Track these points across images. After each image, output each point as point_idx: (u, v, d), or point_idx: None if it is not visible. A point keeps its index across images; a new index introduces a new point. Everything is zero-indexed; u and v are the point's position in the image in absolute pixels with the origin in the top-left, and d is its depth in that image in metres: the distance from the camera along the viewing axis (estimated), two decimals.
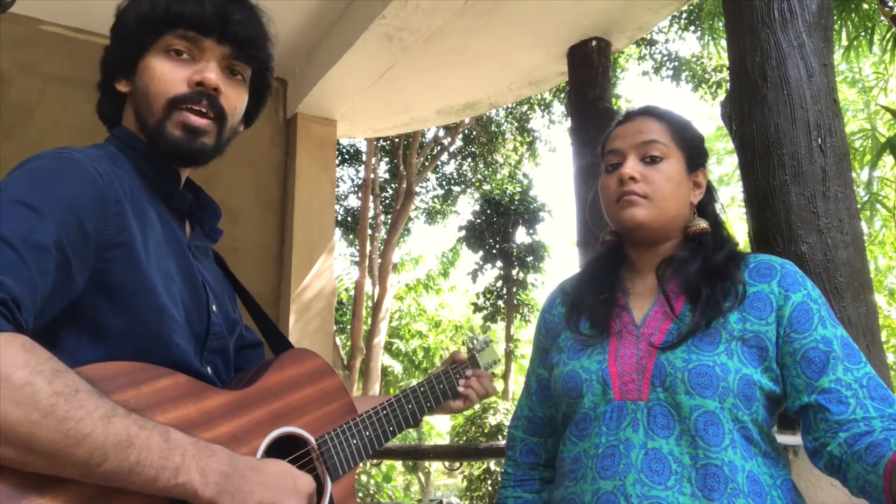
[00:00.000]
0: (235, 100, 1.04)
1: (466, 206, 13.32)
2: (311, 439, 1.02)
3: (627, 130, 1.16)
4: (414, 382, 1.44)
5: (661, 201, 1.10)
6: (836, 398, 0.95)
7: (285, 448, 0.98)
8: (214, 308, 1.00)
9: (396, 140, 10.63)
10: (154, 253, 0.90)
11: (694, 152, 1.16)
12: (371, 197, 11.03)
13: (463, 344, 1.45)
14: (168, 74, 0.97)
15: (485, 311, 12.89)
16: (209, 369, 0.97)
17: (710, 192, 1.19)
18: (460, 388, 1.38)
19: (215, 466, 0.77)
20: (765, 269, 1.08)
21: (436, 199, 12.74)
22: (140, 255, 0.87)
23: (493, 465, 8.13)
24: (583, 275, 1.25)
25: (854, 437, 0.91)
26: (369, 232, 10.93)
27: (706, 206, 1.18)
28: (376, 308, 10.86)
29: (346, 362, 11.18)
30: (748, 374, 0.99)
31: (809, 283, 1.07)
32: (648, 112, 1.18)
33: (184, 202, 1.03)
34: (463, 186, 12.62)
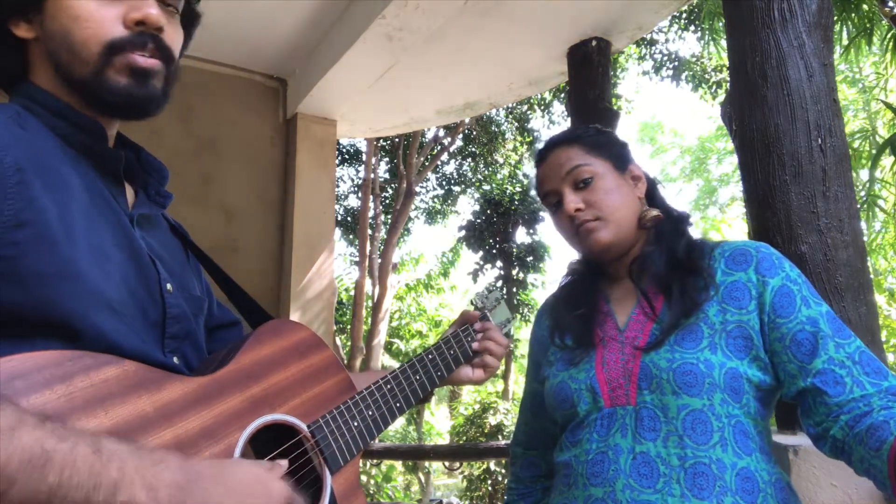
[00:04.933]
0: (176, 39, 0.88)
1: (466, 206, 13.31)
2: (302, 426, 0.87)
3: (549, 169, 1.18)
4: None
5: (612, 214, 1.11)
6: (831, 379, 0.95)
7: (273, 440, 0.85)
8: (169, 287, 0.85)
9: (396, 140, 10.63)
10: (82, 228, 0.74)
11: (615, 153, 1.18)
12: (371, 197, 11.03)
13: (471, 303, 1.33)
14: (96, 13, 0.79)
15: None
16: (175, 360, 0.83)
17: (649, 180, 1.20)
18: (475, 345, 1.20)
19: (166, 477, 0.62)
20: (740, 256, 1.08)
21: (436, 199, 12.73)
22: (56, 233, 0.71)
23: (493, 465, 8.13)
24: (559, 293, 1.26)
25: (854, 419, 0.91)
26: (369, 232, 10.92)
27: (652, 194, 1.20)
28: (376, 308, 10.86)
29: (346, 362, 11.17)
30: (734, 367, 0.98)
31: (787, 263, 1.06)
32: (556, 143, 1.20)
33: (116, 162, 0.86)
34: (463, 186, 12.61)
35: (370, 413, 0.97)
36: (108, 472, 0.59)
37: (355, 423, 0.93)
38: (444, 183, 12.63)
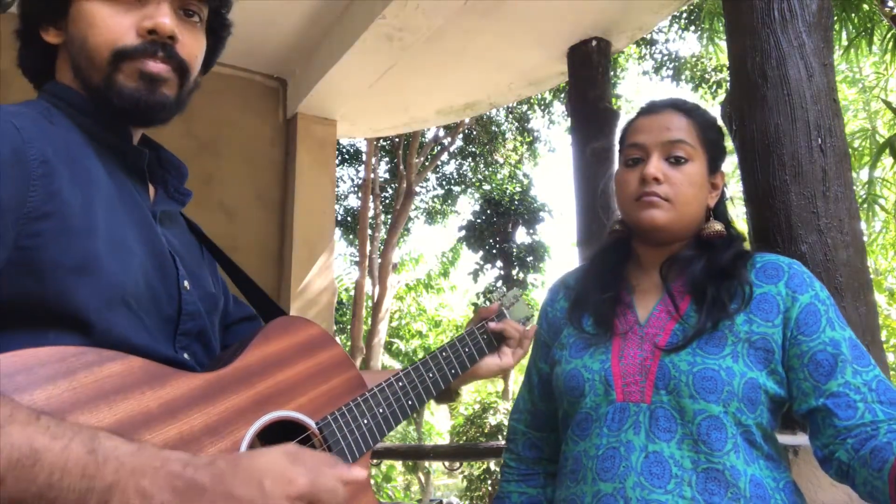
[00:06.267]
0: (194, 46, 0.87)
1: (466, 206, 13.31)
2: (311, 423, 0.86)
3: (653, 124, 1.10)
4: None
5: (681, 205, 1.07)
6: (844, 402, 0.94)
7: (281, 437, 0.84)
8: (186, 284, 0.85)
9: (396, 140, 10.62)
10: (104, 221, 0.74)
11: (716, 153, 1.13)
12: (371, 197, 11.03)
13: (489, 301, 1.32)
14: (110, 20, 0.80)
15: None
16: (186, 356, 0.82)
17: (723, 192, 1.16)
18: (493, 324, 1.17)
19: (164, 483, 0.59)
20: (772, 269, 1.06)
21: (436, 199, 12.73)
22: (77, 225, 0.71)
23: (493, 465, 8.12)
24: (588, 269, 1.22)
25: (860, 442, 0.90)
26: (369, 232, 10.93)
27: (718, 206, 1.15)
28: (376, 308, 10.86)
29: None
30: (753, 378, 0.97)
31: (818, 283, 1.05)
32: (675, 106, 1.13)
33: (140, 159, 0.87)
34: (463, 186, 12.61)
35: (381, 410, 0.95)
36: (103, 474, 0.56)
37: (365, 421, 0.92)
38: (444, 183, 12.63)
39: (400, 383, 1.01)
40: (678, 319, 1.04)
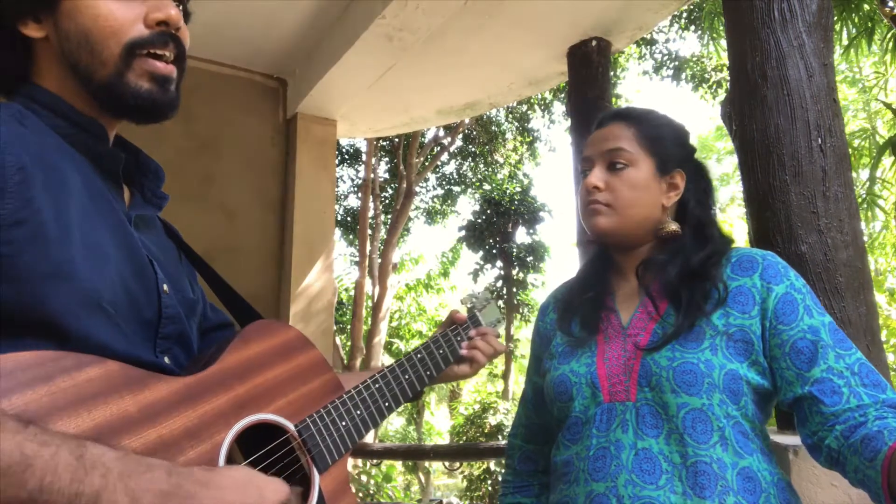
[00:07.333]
0: (186, 35, 0.87)
1: (466, 206, 13.32)
2: (290, 425, 0.86)
3: (598, 137, 1.17)
4: None
5: (623, 209, 1.11)
6: (829, 388, 0.95)
7: (259, 440, 0.84)
8: (166, 288, 0.84)
9: (396, 140, 10.62)
10: (79, 227, 0.73)
11: (666, 155, 1.14)
12: (371, 197, 11.02)
13: (461, 303, 1.34)
14: (118, 12, 0.79)
15: None
16: (167, 360, 0.82)
17: (690, 191, 1.16)
18: (463, 351, 1.22)
19: (150, 486, 0.61)
20: (747, 262, 1.08)
21: (436, 199, 12.73)
22: (52, 231, 0.70)
23: (493, 465, 8.13)
24: (574, 280, 1.27)
25: (850, 429, 0.91)
26: (369, 232, 10.92)
27: (687, 206, 1.16)
28: (376, 308, 10.86)
29: (346, 362, 11.18)
30: (734, 370, 0.99)
31: (792, 272, 1.07)
32: (620, 116, 1.18)
33: (116, 163, 0.86)
34: (463, 186, 12.61)
35: (358, 412, 0.97)
36: (91, 479, 0.58)
37: (343, 423, 0.94)
38: (444, 183, 12.63)
39: (377, 385, 1.03)
40: (658, 320, 1.07)
